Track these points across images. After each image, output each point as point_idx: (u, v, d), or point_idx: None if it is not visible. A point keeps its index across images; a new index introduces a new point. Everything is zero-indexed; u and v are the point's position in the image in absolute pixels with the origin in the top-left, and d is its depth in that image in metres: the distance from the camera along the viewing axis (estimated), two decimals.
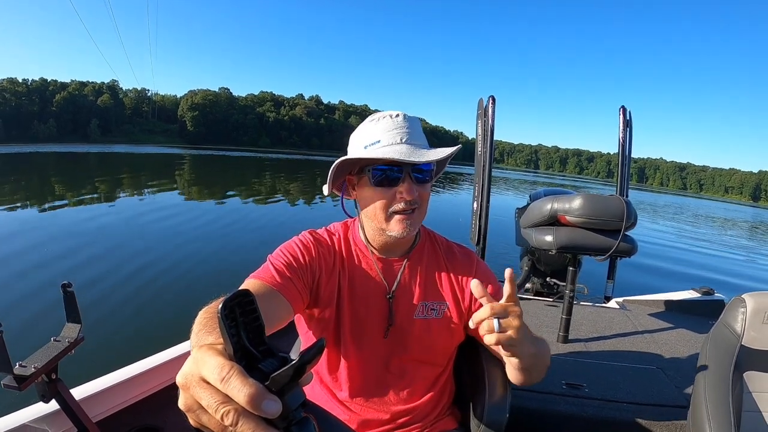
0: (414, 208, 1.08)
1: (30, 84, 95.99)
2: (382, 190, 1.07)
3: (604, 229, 2.33)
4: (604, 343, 2.58)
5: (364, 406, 1.18)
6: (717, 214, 43.02)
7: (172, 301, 5.30)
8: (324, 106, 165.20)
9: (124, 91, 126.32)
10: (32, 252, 6.92)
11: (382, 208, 1.08)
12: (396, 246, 1.19)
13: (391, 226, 1.08)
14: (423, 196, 1.09)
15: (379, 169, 1.06)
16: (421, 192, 1.08)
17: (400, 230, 1.07)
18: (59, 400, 1.21)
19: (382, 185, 1.06)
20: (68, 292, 1.20)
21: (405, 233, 1.08)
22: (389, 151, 1.03)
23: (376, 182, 1.07)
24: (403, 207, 1.06)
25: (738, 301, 1.29)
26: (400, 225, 1.07)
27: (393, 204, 1.07)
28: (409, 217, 1.07)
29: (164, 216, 10.91)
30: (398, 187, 1.05)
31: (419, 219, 1.11)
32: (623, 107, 3.25)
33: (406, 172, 1.05)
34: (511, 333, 0.90)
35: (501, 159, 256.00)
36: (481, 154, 2.89)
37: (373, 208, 1.09)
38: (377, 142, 1.06)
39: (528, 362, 1.00)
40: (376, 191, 1.07)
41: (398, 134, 1.06)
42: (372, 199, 1.09)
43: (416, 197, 1.06)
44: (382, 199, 1.07)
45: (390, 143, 1.05)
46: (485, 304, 0.90)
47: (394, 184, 1.06)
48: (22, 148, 52.50)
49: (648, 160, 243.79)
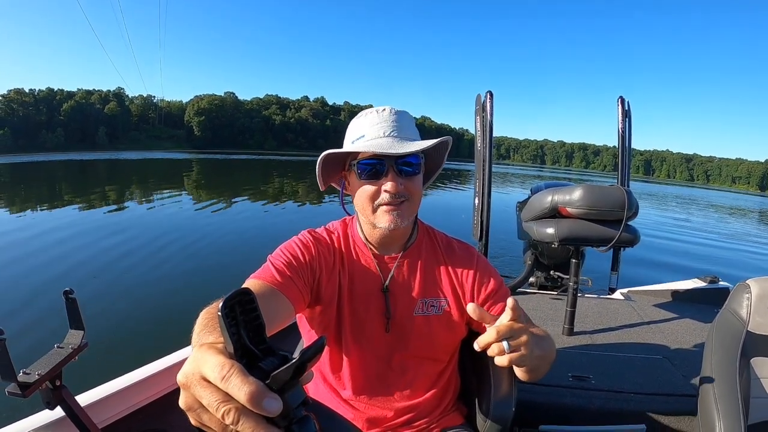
0: (402, 201, 1.08)
1: (37, 94, 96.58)
2: (367, 184, 1.08)
3: (605, 219, 2.32)
4: (609, 335, 2.57)
5: (368, 404, 1.18)
6: (723, 203, 42.56)
7: (174, 305, 5.31)
8: (329, 107, 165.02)
9: (130, 99, 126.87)
10: (34, 259, 6.97)
11: (368, 201, 1.09)
12: (391, 241, 1.19)
13: (378, 218, 1.09)
14: (410, 189, 1.09)
15: (364, 163, 1.07)
16: (408, 185, 1.08)
17: (386, 222, 1.08)
18: (64, 407, 1.21)
19: (368, 179, 1.07)
20: (70, 298, 1.19)
21: (393, 225, 1.08)
22: (371, 144, 1.05)
23: (362, 176, 1.08)
24: (388, 200, 1.06)
25: (743, 287, 1.27)
26: (387, 216, 1.08)
27: (378, 197, 1.07)
28: (396, 208, 1.07)
29: (167, 220, 11.03)
30: (382, 180, 1.06)
31: (409, 212, 1.11)
32: (621, 98, 3.22)
33: (389, 165, 1.05)
34: (522, 351, 0.89)
35: (507, 155, 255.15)
36: (480, 149, 2.88)
37: (362, 201, 1.10)
38: (362, 136, 1.08)
39: (535, 364, 1.00)
40: (363, 185, 1.09)
41: (382, 128, 1.07)
42: (360, 193, 1.10)
43: (402, 190, 1.07)
44: (368, 192, 1.08)
45: (373, 137, 1.07)
46: (489, 328, 0.89)
47: (378, 178, 1.07)
48: (32, 157, 52.94)
49: (654, 152, 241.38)
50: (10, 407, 1.36)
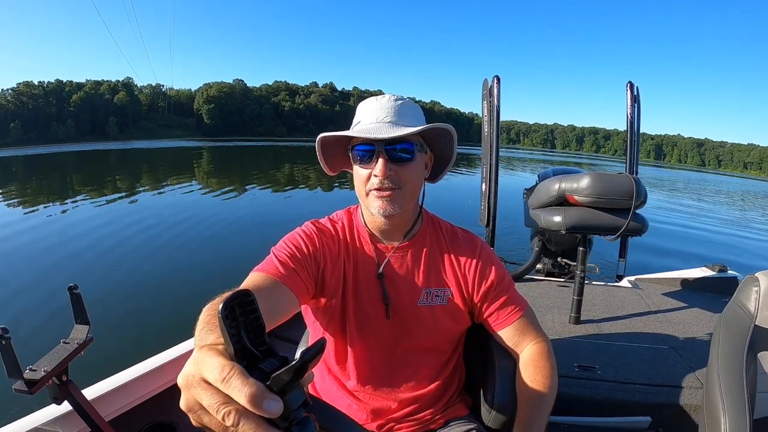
0: (393, 188, 1.06)
1: (46, 86, 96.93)
2: (361, 169, 1.08)
3: (613, 208, 2.30)
4: (616, 324, 2.56)
5: (372, 395, 1.18)
6: (734, 189, 41.96)
7: (179, 297, 5.33)
8: (338, 92, 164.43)
9: (139, 88, 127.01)
10: (38, 255, 7.03)
11: (362, 185, 1.09)
12: (392, 229, 1.17)
13: (370, 203, 1.09)
14: (402, 177, 1.07)
15: (357, 149, 1.07)
16: (400, 172, 1.06)
17: (377, 207, 1.07)
18: (71, 402, 1.23)
19: (361, 164, 1.08)
20: (75, 293, 1.20)
21: (383, 211, 1.07)
22: (360, 129, 1.05)
23: (356, 161, 1.09)
24: (377, 185, 1.05)
25: (751, 279, 1.24)
26: (378, 202, 1.06)
27: (369, 182, 1.07)
28: (387, 194, 1.06)
29: (175, 212, 11.04)
30: (371, 164, 1.06)
31: (402, 200, 1.08)
32: (630, 83, 3.18)
33: (378, 150, 1.04)
34: None
35: (517, 139, 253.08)
36: (487, 134, 2.86)
37: (357, 186, 1.11)
38: (359, 122, 1.10)
39: None
40: (357, 170, 1.10)
41: (376, 114, 1.07)
42: (356, 177, 1.11)
43: (392, 176, 1.05)
44: (361, 177, 1.08)
45: (367, 122, 1.07)
46: None
47: (369, 162, 1.06)
48: (43, 149, 53.50)
49: (665, 137, 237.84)
50: (19, 402, 1.38)
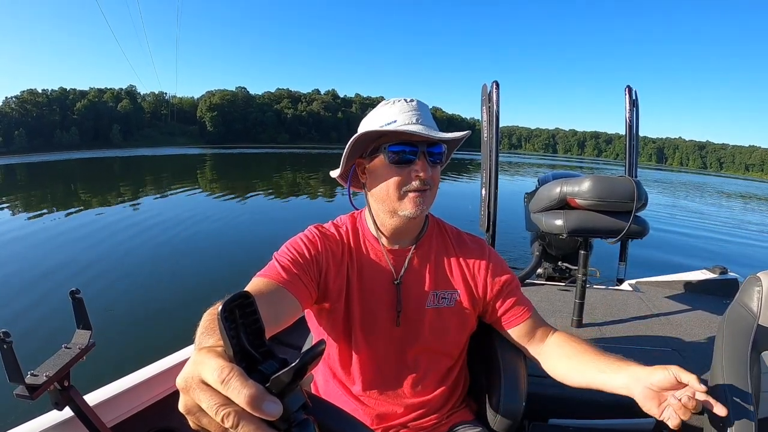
0: (426, 189, 1.08)
1: (50, 94, 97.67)
2: (397, 169, 1.06)
3: (614, 210, 2.29)
4: (618, 327, 2.55)
5: (378, 399, 1.18)
6: (735, 191, 41.85)
7: (182, 302, 5.33)
8: (340, 99, 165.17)
9: (142, 96, 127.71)
10: (40, 260, 7.04)
11: (396, 186, 1.07)
12: (406, 232, 1.18)
13: (404, 205, 1.08)
14: (434, 179, 1.09)
15: (395, 149, 1.06)
16: (433, 173, 1.08)
17: (412, 209, 1.07)
18: (73, 407, 1.21)
19: (398, 163, 1.06)
20: (77, 298, 1.18)
21: (417, 212, 1.07)
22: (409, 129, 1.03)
23: (393, 160, 1.06)
24: (418, 185, 1.06)
25: (753, 279, 1.24)
26: (413, 203, 1.07)
27: (408, 183, 1.06)
28: (421, 195, 1.07)
29: (178, 219, 11.07)
30: (413, 165, 1.05)
31: (430, 200, 1.11)
32: (629, 87, 3.19)
33: (421, 151, 1.05)
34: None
35: (519, 144, 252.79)
36: (487, 139, 2.87)
37: (386, 187, 1.08)
38: (394, 121, 1.07)
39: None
40: (391, 170, 1.07)
41: (413, 116, 1.07)
42: (386, 177, 1.08)
43: (429, 177, 1.07)
44: (397, 177, 1.06)
45: (406, 123, 1.05)
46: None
47: (409, 163, 1.06)
48: (47, 156, 53.72)
49: (666, 140, 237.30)
50: (20, 408, 1.38)
